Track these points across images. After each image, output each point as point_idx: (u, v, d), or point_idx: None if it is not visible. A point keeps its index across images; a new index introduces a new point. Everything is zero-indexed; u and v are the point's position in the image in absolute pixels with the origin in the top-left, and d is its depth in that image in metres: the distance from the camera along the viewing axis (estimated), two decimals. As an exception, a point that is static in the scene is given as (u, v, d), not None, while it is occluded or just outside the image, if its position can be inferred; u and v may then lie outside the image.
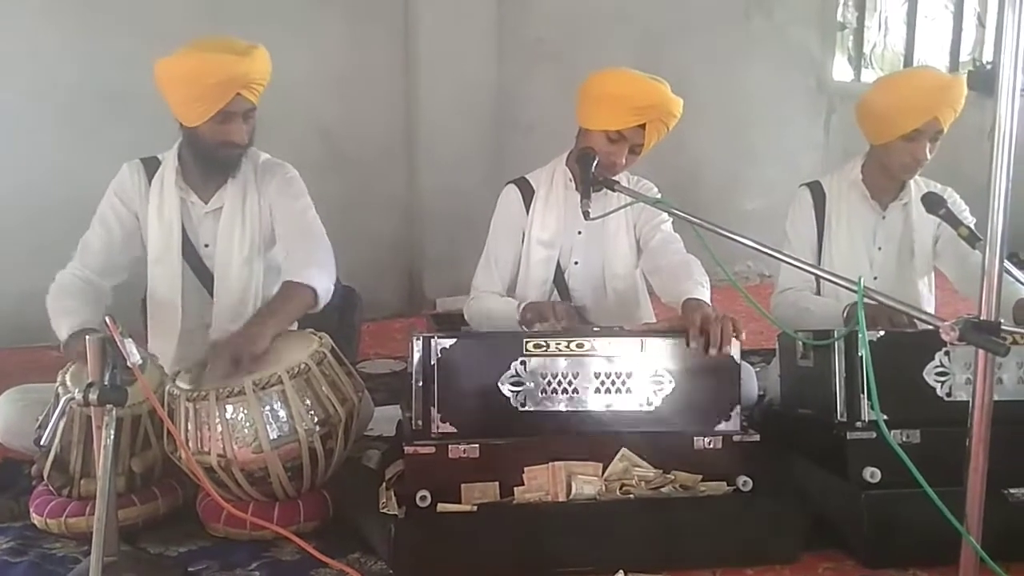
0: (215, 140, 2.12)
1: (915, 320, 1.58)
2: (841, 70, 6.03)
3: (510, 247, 2.41)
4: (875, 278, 2.43)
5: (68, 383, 1.86)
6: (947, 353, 1.88)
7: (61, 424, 1.82)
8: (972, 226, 2.14)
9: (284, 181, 2.28)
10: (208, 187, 2.24)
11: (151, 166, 2.25)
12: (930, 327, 1.38)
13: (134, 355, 1.56)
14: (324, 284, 2.14)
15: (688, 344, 1.84)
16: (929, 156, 2.32)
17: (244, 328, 1.99)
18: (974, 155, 1.32)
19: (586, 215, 1.98)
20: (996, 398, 1.41)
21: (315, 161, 3.54)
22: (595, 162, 2.14)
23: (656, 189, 2.40)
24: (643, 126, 2.20)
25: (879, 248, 2.46)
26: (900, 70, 5.65)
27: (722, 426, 1.86)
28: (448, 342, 1.81)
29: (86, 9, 3.46)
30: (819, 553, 1.83)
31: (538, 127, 4.29)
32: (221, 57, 2.01)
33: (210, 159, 2.17)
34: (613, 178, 2.26)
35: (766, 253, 1.66)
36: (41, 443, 1.83)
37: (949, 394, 1.88)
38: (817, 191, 2.51)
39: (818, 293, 2.46)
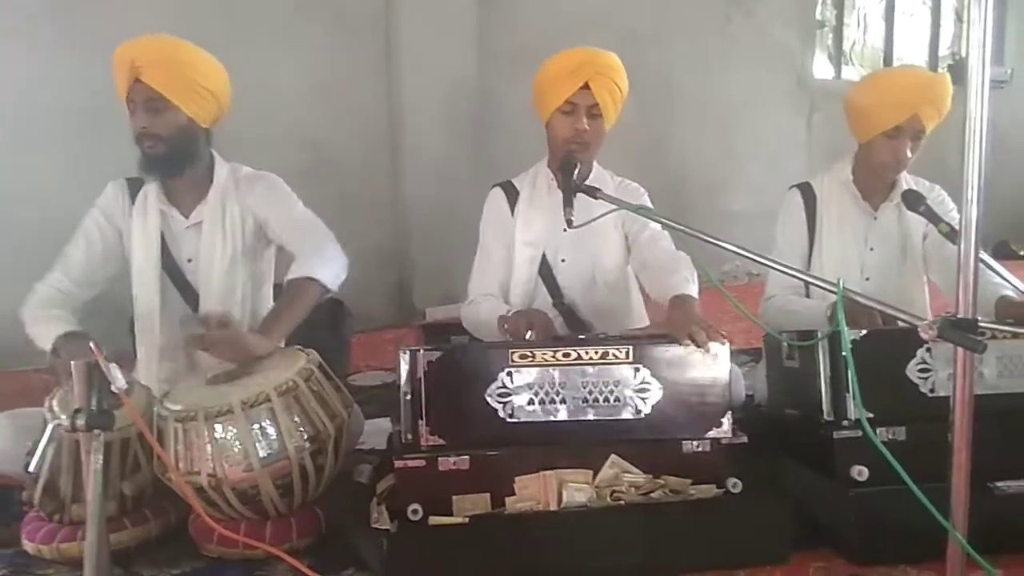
0: (134, 133, 2.16)
1: (894, 319, 1.59)
2: (822, 68, 6.09)
3: (501, 247, 2.43)
4: (867, 279, 2.44)
5: (55, 409, 1.85)
6: (929, 350, 1.89)
7: (50, 450, 1.82)
8: (956, 224, 2.15)
9: (266, 188, 2.30)
10: (189, 202, 2.26)
11: (135, 186, 2.28)
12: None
13: (119, 380, 1.55)
14: (328, 271, 2.14)
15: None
16: (910, 155, 2.34)
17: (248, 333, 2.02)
18: (959, 150, 1.33)
19: (569, 223, 1.99)
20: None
21: (299, 172, 3.52)
22: (576, 169, 2.16)
23: (643, 191, 2.41)
24: (588, 87, 2.21)
25: (871, 249, 2.47)
26: (886, 67, 5.70)
27: (713, 432, 1.86)
28: (435, 355, 1.81)
29: (63, 29, 3.46)
30: (809, 552, 1.84)
31: (523, 133, 4.30)
32: (123, 44, 2.12)
33: (145, 160, 2.18)
34: (595, 174, 2.35)
35: (748, 257, 1.67)
36: (30, 469, 1.83)
37: (932, 390, 1.90)
38: (808, 192, 2.51)
39: (807, 296, 2.47)
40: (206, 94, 2.16)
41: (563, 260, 2.42)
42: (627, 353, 1.85)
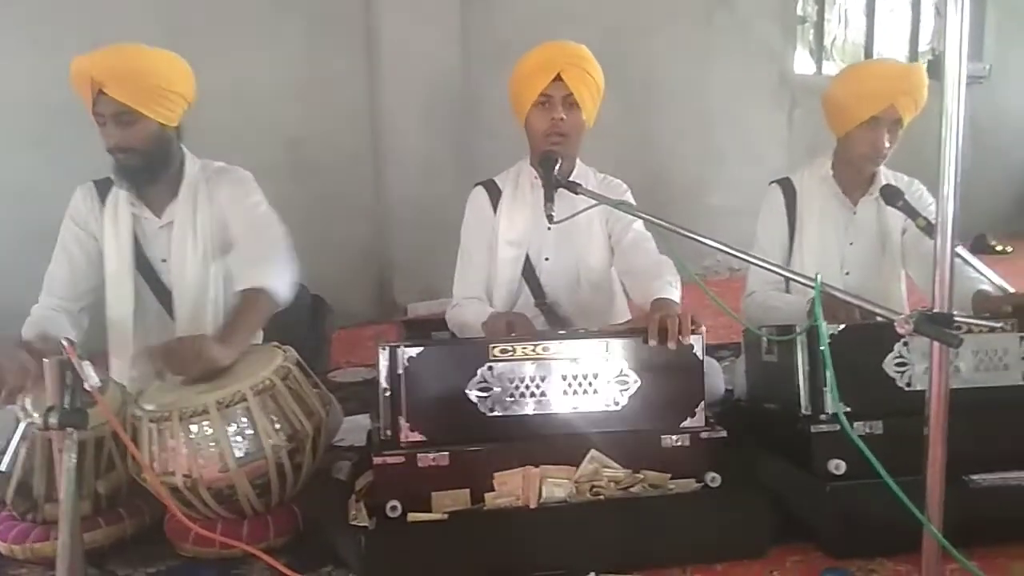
0: (107, 146, 2.12)
1: (872, 314, 1.60)
2: (803, 63, 6.11)
3: (483, 247, 2.41)
4: (847, 273, 2.46)
5: (28, 407, 1.83)
6: (906, 344, 1.90)
7: (22, 448, 1.79)
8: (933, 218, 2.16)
9: (233, 183, 2.26)
10: (160, 201, 2.22)
11: (104, 187, 2.24)
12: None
13: (92, 378, 1.53)
14: (278, 280, 2.05)
15: (646, 340, 1.85)
16: (888, 146, 2.35)
17: (205, 346, 1.89)
18: (937, 144, 1.34)
19: (550, 219, 1.99)
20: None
21: (280, 169, 3.52)
22: (558, 165, 2.15)
23: (626, 187, 2.40)
24: (561, 79, 2.21)
25: (851, 244, 2.48)
26: (861, 61, 5.74)
27: (688, 423, 1.87)
28: (414, 351, 1.80)
29: (35, 24, 3.41)
30: (787, 546, 1.85)
31: (505, 130, 4.29)
32: (81, 57, 2.05)
33: (120, 170, 2.15)
34: (577, 171, 2.35)
35: (728, 253, 1.67)
36: (2, 468, 1.80)
37: (909, 384, 1.91)
38: (788, 188, 2.52)
39: (787, 291, 2.48)
40: (174, 97, 2.12)
41: (547, 259, 2.41)
42: (604, 346, 1.86)
